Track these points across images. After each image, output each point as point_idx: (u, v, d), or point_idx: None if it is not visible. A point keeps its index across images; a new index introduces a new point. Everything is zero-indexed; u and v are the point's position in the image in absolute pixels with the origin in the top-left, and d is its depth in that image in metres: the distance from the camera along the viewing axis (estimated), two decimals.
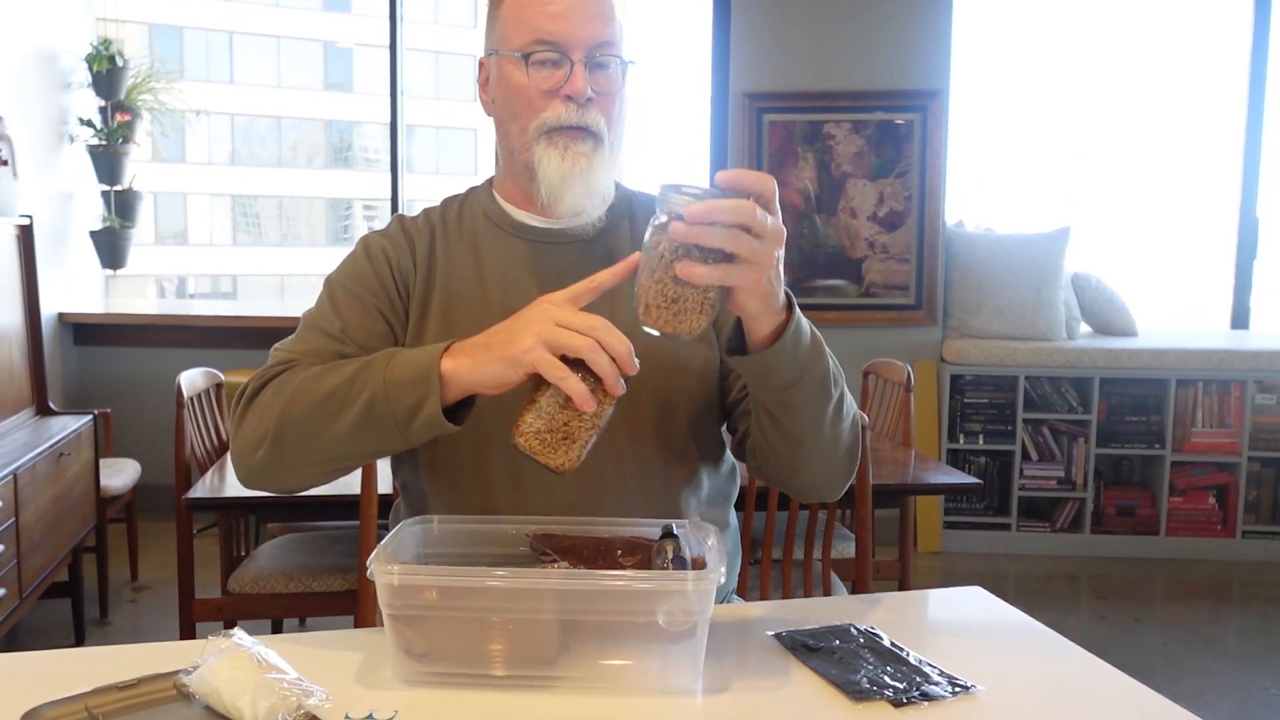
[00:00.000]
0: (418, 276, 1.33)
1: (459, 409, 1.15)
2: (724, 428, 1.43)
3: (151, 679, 1.04)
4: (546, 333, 1.05)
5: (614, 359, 1.04)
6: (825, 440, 1.22)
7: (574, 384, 1.04)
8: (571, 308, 1.08)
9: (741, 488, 1.44)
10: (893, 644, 1.18)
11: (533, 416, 1.07)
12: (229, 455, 2.74)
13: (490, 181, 1.41)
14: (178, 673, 1.03)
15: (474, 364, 1.10)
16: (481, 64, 1.36)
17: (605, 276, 1.09)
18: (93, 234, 4.72)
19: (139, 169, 4.82)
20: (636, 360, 1.05)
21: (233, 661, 0.99)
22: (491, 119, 1.36)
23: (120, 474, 3.60)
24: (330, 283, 1.34)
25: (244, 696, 0.96)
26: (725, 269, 1.00)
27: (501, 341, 1.08)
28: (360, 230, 28.93)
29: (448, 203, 1.42)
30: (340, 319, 1.29)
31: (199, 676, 1.00)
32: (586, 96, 1.25)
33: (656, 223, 1.01)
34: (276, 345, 1.30)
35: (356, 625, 2.29)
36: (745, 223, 0.98)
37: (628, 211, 1.40)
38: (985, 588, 1.40)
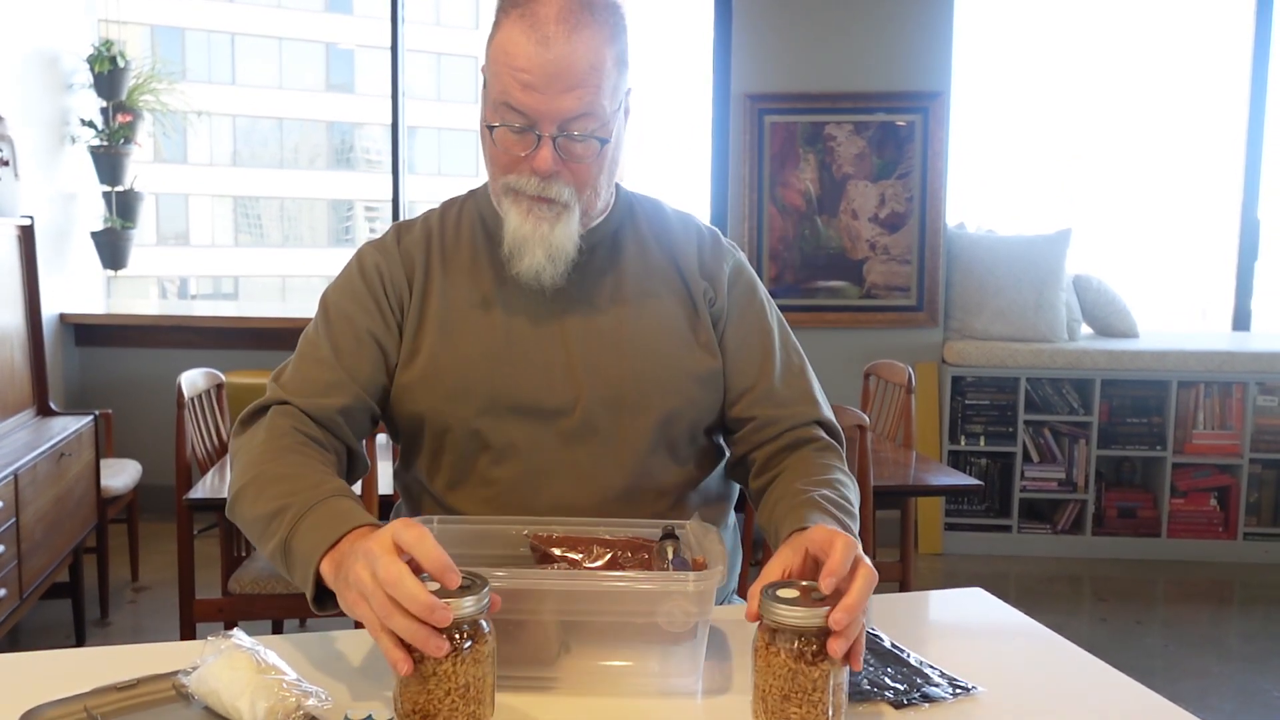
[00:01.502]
0: (413, 292, 1.31)
1: None
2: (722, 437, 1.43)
3: (150, 679, 1.04)
4: (360, 586, 0.95)
5: (416, 614, 0.90)
6: None
7: (383, 643, 0.92)
8: (387, 558, 0.93)
9: (741, 489, 1.44)
10: (893, 645, 1.18)
11: (395, 694, 0.94)
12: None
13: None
14: (177, 673, 1.03)
15: (337, 587, 1.02)
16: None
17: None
18: (94, 235, 4.72)
19: (140, 170, 4.82)
20: (469, 610, 0.92)
21: (231, 662, 0.99)
22: None
23: (121, 474, 3.60)
24: (326, 304, 1.33)
25: (243, 697, 0.96)
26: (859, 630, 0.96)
27: (345, 584, 0.99)
28: (361, 232, 28.99)
29: (447, 207, 1.40)
30: (331, 346, 1.28)
31: (198, 677, 1.00)
32: (552, 172, 1.21)
33: (782, 645, 0.94)
34: (274, 374, 1.30)
35: (356, 626, 2.29)
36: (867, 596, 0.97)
37: (629, 217, 1.38)
38: (986, 589, 1.40)
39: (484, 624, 0.93)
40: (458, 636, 0.91)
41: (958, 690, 1.07)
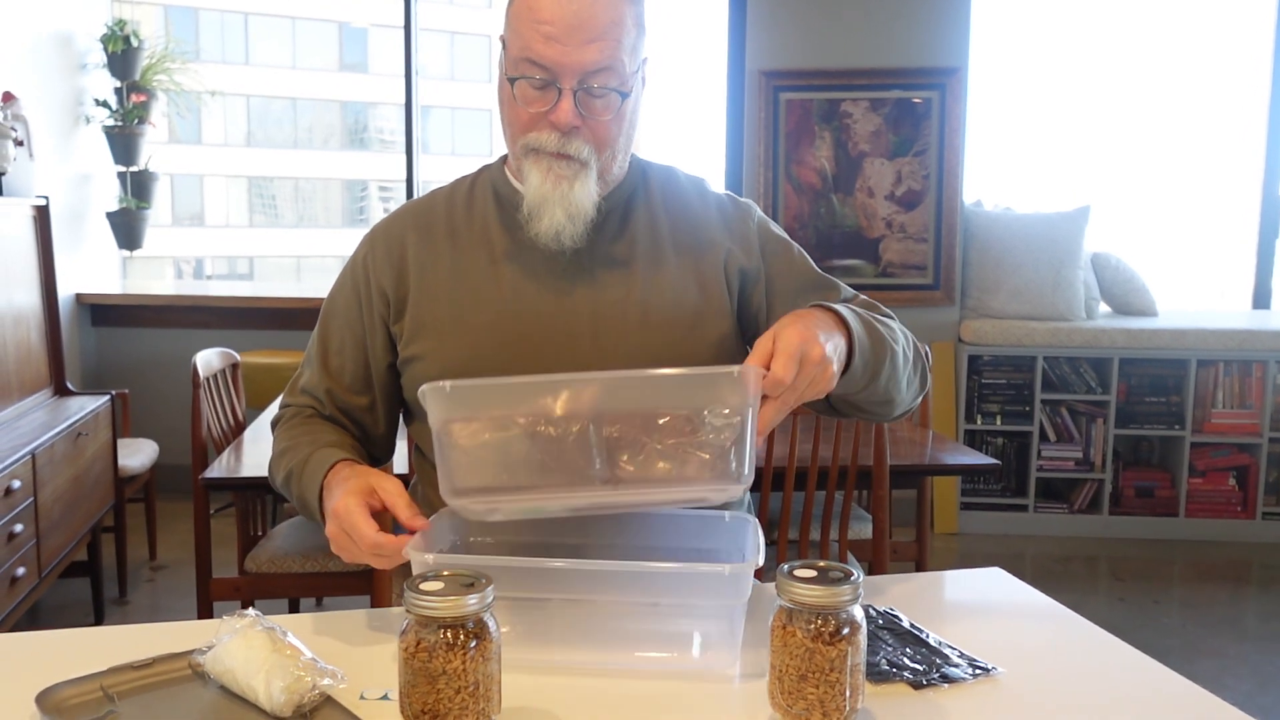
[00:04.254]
0: (409, 270, 1.33)
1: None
2: None
3: (166, 658, 1.04)
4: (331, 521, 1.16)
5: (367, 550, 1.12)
6: (904, 387, 1.28)
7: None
8: (358, 512, 1.12)
9: (758, 468, 1.44)
10: (912, 625, 1.17)
11: (402, 694, 0.93)
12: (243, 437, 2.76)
13: (504, 160, 1.40)
14: (192, 652, 1.03)
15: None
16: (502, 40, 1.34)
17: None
18: (109, 215, 4.73)
19: (155, 150, 4.83)
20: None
21: (247, 641, 0.98)
22: None
23: (138, 454, 3.61)
24: (326, 308, 1.40)
25: (258, 676, 0.96)
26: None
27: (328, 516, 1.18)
28: (376, 212, 28.99)
29: (460, 180, 1.41)
30: (321, 348, 1.39)
31: (214, 656, 1.00)
32: (572, 126, 1.21)
33: (799, 625, 0.93)
34: (294, 378, 1.41)
35: (373, 605, 2.30)
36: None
37: (643, 184, 1.38)
38: (1003, 569, 1.39)
39: (490, 621, 0.92)
40: (464, 635, 0.90)
41: (977, 671, 1.07)
